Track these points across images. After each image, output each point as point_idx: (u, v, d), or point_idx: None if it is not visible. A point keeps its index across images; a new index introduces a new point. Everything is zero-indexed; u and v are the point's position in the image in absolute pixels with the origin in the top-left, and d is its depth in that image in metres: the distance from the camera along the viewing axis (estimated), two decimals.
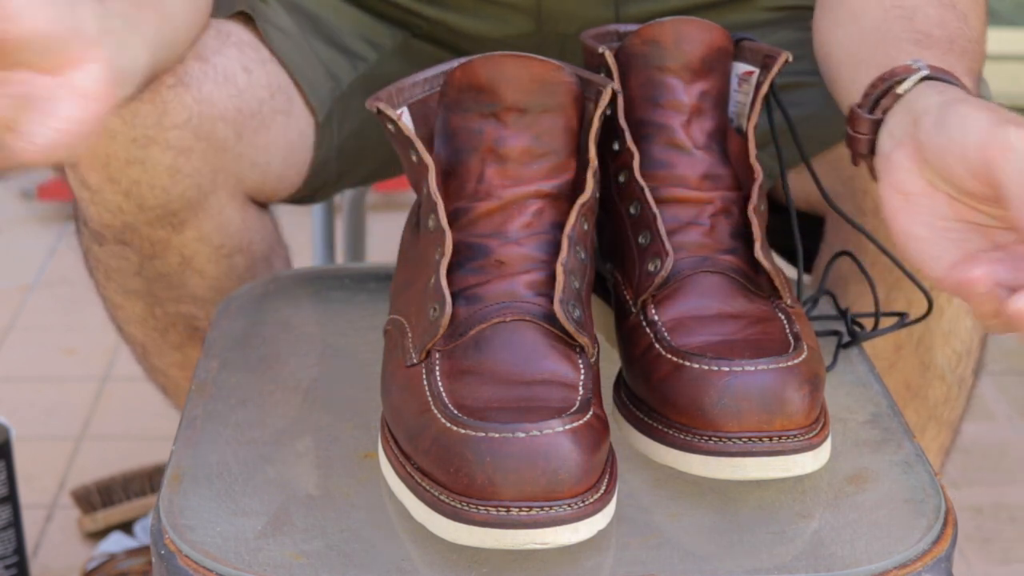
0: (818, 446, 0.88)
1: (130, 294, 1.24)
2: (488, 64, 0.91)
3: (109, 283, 1.24)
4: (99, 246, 1.20)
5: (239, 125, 1.15)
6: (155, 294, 1.22)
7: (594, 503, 0.81)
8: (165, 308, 1.24)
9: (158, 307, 1.24)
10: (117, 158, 1.12)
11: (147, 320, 1.26)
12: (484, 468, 0.80)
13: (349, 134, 1.25)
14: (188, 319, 1.24)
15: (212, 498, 0.89)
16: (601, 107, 0.91)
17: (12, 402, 1.97)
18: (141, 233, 1.17)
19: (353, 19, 1.25)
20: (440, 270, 0.88)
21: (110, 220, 1.16)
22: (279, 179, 1.22)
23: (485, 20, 1.24)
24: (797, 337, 0.90)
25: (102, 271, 1.24)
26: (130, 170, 1.12)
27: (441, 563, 0.83)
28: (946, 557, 0.85)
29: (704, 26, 0.99)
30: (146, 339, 1.29)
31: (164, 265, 1.19)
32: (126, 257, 1.20)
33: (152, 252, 1.18)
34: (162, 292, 1.22)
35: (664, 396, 0.89)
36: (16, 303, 2.28)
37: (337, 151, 1.24)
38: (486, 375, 0.86)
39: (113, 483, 1.71)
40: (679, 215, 0.96)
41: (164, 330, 1.26)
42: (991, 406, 1.97)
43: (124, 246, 1.19)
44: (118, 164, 1.12)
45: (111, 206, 1.15)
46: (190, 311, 1.24)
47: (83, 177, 1.14)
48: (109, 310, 1.29)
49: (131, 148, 1.11)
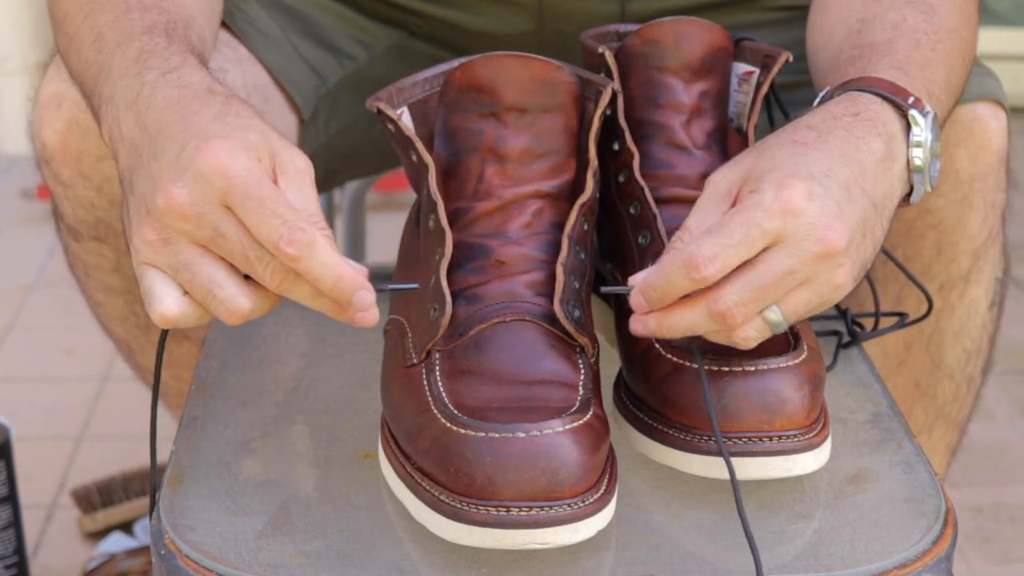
0: (818, 446, 0.88)
1: (110, 291, 1.24)
2: (488, 64, 0.91)
3: (89, 280, 1.24)
4: (76, 242, 1.21)
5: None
6: (134, 291, 1.22)
7: (594, 503, 0.81)
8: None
9: (138, 304, 1.24)
10: (89, 154, 1.12)
11: (128, 318, 1.26)
12: (484, 468, 0.80)
13: (337, 132, 1.25)
14: None
15: (212, 498, 0.89)
16: (601, 107, 0.91)
17: (12, 402, 1.97)
18: (115, 229, 1.17)
19: (343, 18, 1.25)
20: (440, 270, 0.88)
21: (84, 215, 1.16)
22: None
23: (486, 18, 1.24)
24: (797, 337, 0.90)
25: (81, 268, 1.24)
26: (102, 166, 1.12)
27: (441, 563, 0.83)
28: (946, 557, 0.85)
29: (704, 26, 0.99)
30: (129, 337, 1.29)
31: None
32: (103, 254, 1.20)
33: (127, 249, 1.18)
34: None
35: (664, 396, 0.89)
36: (16, 303, 2.28)
37: (325, 148, 1.24)
38: (486, 375, 0.86)
39: (113, 483, 1.71)
40: (679, 215, 0.96)
41: (146, 328, 1.26)
42: (991, 406, 1.97)
43: (100, 242, 1.19)
44: (90, 160, 1.12)
45: (84, 202, 1.15)
46: None
47: (56, 172, 1.14)
48: (92, 308, 1.29)
49: (103, 144, 1.11)
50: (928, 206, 1.12)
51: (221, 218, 0.80)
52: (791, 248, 0.82)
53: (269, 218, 0.79)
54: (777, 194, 0.82)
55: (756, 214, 0.82)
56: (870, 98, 0.90)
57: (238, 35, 1.16)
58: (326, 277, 0.80)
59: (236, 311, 0.82)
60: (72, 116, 1.11)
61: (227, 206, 0.80)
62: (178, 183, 0.80)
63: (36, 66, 2.83)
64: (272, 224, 0.79)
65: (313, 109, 1.21)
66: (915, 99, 0.90)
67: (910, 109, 0.89)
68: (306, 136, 1.21)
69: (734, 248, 0.81)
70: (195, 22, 0.99)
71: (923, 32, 0.98)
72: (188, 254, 0.81)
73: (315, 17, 1.23)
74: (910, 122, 0.89)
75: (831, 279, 0.84)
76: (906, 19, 0.99)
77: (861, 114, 0.89)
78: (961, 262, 1.15)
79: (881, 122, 0.89)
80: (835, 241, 0.82)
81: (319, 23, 1.23)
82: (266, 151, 0.82)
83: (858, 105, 0.89)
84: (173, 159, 0.82)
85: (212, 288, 0.81)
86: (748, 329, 0.84)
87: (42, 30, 2.83)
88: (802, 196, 0.82)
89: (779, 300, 0.83)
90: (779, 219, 0.81)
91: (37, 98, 1.13)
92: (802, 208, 0.82)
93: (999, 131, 1.11)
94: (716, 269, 0.81)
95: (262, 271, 0.80)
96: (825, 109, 0.89)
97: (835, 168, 0.85)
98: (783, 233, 0.82)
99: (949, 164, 1.11)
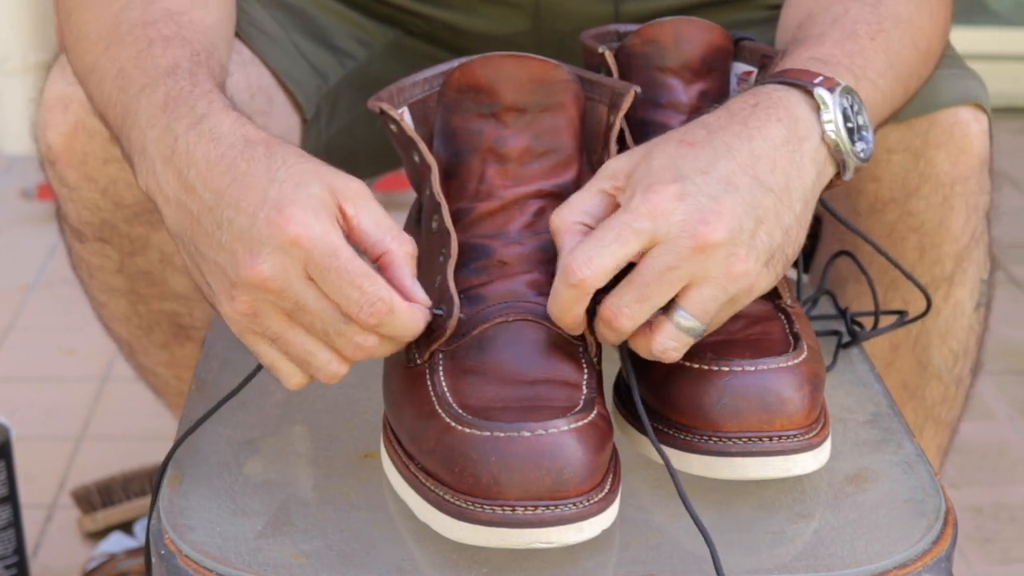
0: (818, 446, 0.88)
1: (113, 292, 1.24)
2: (486, 64, 0.91)
3: (92, 281, 1.25)
4: (80, 243, 1.21)
5: None
6: (137, 291, 1.22)
7: (599, 502, 0.81)
8: (149, 306, 1.24)
9: (141, 304, 1.24)
10: (95, 156, 1.12)
11: (131, 318, 1.26)
12: (489, 468, 0.80)
13: (338, 131, 1.25)
14: (172, 316, 1.24)
15: (212, 498, 0.89)
16: (623, 110, 0.91)
17: (12, 402, 1.97)
18: (120, 230, 1.17)
19: (342, 16, 1.25)
20: (448, 271, 0.88)
21: (88, 217, 1.16)
22: None
23: (483, 18, 1.24)
24: (797, 337, 0.90)
25: (85, 269, 1.24)
26: (107, 168, 1.13)
27: (441, 563, 0.83)
28: (946, 557, 0.85)
29: (704, 26, 0.99)
30: (131, 337, 1.29)
31: (145, 262, 1.19)
32: (107, 255, 1.20)
33: (132, 249, 1.18)
34: (144, 289, 1.22)
35: (664, 396, 0.89)
36: (16, 303, 2.28)
37: (326, 148, 1.24)
38: (489, 375, 0.86)
39: (113, 483, 1.71)
40: None
41: (149, 328, 1.26)
42: (991, 406, 1.97)
43: (104, 243, 1.19)
44: (95, 162, 1.12)
45: (89, 204, 1.15)
46: (174, 308, 1.23)
47: (61, 175, 1.14)
48: (95, 308, 1.29)
49: (108, 147, 1.11)
50: (909, 208, 1.13)
51: (301, 290, 0.83)
52: (666, 246, 0.84)
53: (348, 289, 0.82)
54: (644, 197, 0.84)
55: (625, 216, 0.84)
56: (772, 87, 0.91)
57: (242, 37, 1.16)
58: (406, 336, 0.85)
59: (335, 375, 0.86)
60: (78, 119, 1.11)
61: (309, 275, 0.83)
62: (259, 258, 0.83)
63: (36, 66, 2.84)
64: (351, 296, 0.83)
65: (315, 109, 1.21)
66: (824, 78, 0.90)
67: (815, 88, 0.90)
68: (308, 136, 1.22)
69: (606, 248, 0.84)
70: (216, 50, 0.99)
71: (864, 23, 0.98)
72: (279, 326, 0.85)
73: (315, 15, 1.23)
74: (818, 102, 0.90)
75: (727, 270, 0.84)
76: (848, 12, 0.99)
77: (760, 104, 0.89)
78: (944, 264, 1.15)
79: (783, 107, 0.89)
80: (708, 234, 0.83)
81: (319, 21, 1.23)
82: (328, 194, 0.84)
83: (757, 96, 0.90)
84: (245, 231, 0.84)
85: (307, 357, 0.86)
86: (663, 339, 0.85)
87: (42, 30, 2.83)
88: (670, 198, 0.84)
89: (669, 300, 0.85)
90: (648, 220, 0.83)
91: (41, 100, 1.13)
92: (670, 209, 0.84)
93: (980, 134, 1.11)
94: (592, 271, 0.84)
95: (340, 346, 0.85)
96: (726, 106, 0.90)
97: (716, 163, 0.86)
98: (656, 234, 0.84)
99: (929, 167, 1.11)
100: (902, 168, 1.12)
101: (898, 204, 1.13)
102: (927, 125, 1.10)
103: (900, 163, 1.12)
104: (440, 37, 1.27)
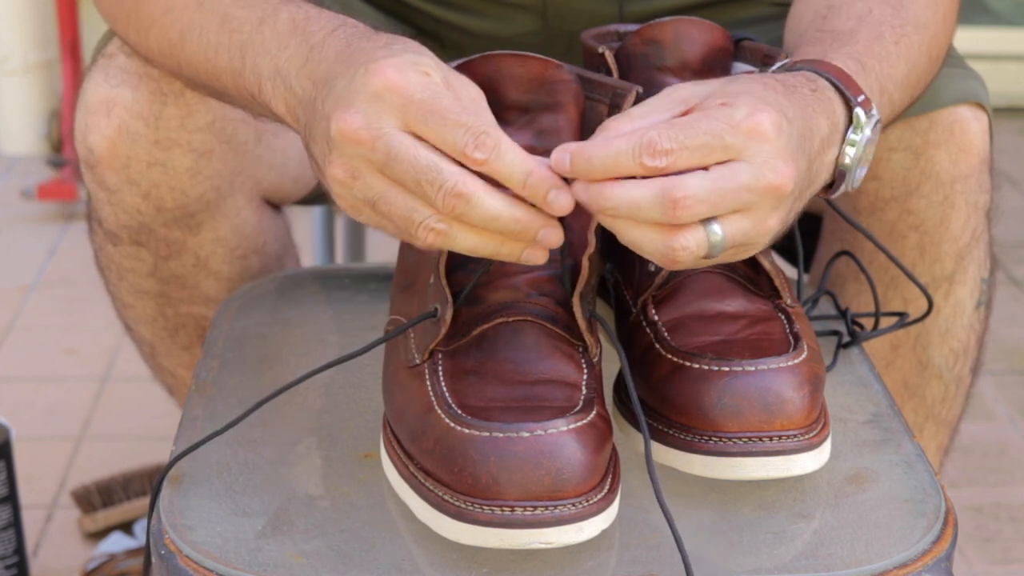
0: (818, 446, 0.88)
1: (142, 294, 1.24)
2: (487, 63, 0.91)
3: (121, 283, 1.24)
4: (113, 246, 1.21)
5: (258, 128, 1.15)
6: (168, 295, 1.23)
7: (598, 502, 0.81)
8: (177, 309, 1.24)
9: (169, 307, 1.24)
10: (138, 160, 1.12)
11: (157, 320, 1.26)
12: (488, 468, 0.80)
13: None
14: (198, 320, 1.25)
15: (212, 498, 0.89)
16: (624, 110, 0.91)
17: (12, 402, 1.97)
18: (157, 234, 1.17)
19: (366, 16, 1.25)
20: (440, 268, 0.88)
21: (127, 221, 1.16)
22: (295, 181, 1.23)
23: (491, 19, 1.24)
24: (797, 337, 0.90)
25: (114, 271, 1.24)
26: (151, 172, 1.13)
27: (441, 563, 0.83)
28: (946, 557, 0.85)
29: (704, 26, 0.99)
30: (155, 339, 1.29)
31: (179, 266, 1.20)
32: (140, 258, 1.20)
33: (168, 253, 1.19)
34: (175, 293, 1.22)
35: (664, 396, 0.89)
36: (16, 303, 2.28)
37: None
38: (489, 375, 0.86)
39: (113, 483, 1.71)
40: None
41: (174, 330, 1.26)
42: (991, 406, 1.97)
43: (139, 247, 1.19)
44: (139, 167, 1.12)
45: (129, 207, 1.15)
46: (201, 312, 1.24)
47: (102, 178, 1.14)
48: (118, 309, 1.29)
49: (153, 150, 1.11)
50: (910, 207, 1.13)
51: (395, 138, 0.81)
52: (751, 168, 0.81)
53: (452, 128, 0.80)
54: (750, 113, 0.82)
55: (723, 126, 0.81)
56: (825, 83, 0.90)
57: None
58: (516, 174, 0.81)
59: (437, 230, 0.82)
60: (122, 122, 1.11)
61: (406, 124, 0.81)
62: (351, 109, 0.82)
63: (36, 66, 2.84)
64: (456, 134, 0.80)
65: None
66: (865, 98, 0.90)
67: (857, 107, 0.90)
68: None
69: (690, 152, 0.81)
70: None
71: (888, 25, 0.98)
72: (379, 185, 0.82)
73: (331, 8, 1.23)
74: (853, 119, 0.90)
75: (766, 219, 0.83)
76: (872, 11, 0.99)
77: (818, 92, 0.89)
78: (945, 263, 1.15)
79: (832, 108, 0.89)
80: (784, 180, 0.82)
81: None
82: (436, 69, 0.83)
83: (816, 84, 0.90)
84: (344, 90, 0.83)
85: (410, 214, 0.82)
86: (688, 237, 0.82)
87: (42, 30, 2.84)
88: (772, 124, 0.82)
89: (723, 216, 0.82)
90: (744, 138, 0.81)
91: (83, 103, 1.12)
92: (770, 136, 0.82)
93: (980, 133, 1.12)
94: (666, 163, 0.81)
95: (433, 195, 0.81)
96: (784, 76, 0.89)
97: (797, 119, 0.85)
98: (744, 152, 0.81)
99: (930, 166, 1.11)
100: (902, 167, 1.12)
101: (898, 202, 1.13)
102: (927, 124, 1.11)
103: (900, 162, 1.12)
104: (448, 38, 1.27)
